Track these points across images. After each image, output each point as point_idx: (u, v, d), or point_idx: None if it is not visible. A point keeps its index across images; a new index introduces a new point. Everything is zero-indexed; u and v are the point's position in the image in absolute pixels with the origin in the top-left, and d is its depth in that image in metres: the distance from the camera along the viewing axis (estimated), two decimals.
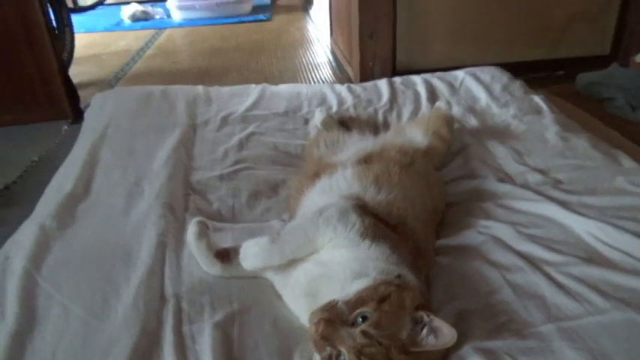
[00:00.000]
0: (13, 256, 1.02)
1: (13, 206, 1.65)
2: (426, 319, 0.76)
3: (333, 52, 3.55)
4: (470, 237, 1.08)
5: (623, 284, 0.89)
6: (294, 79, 3.08)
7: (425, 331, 0.75)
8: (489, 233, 1.08)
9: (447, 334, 0.74)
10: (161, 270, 0.98)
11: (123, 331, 0.82)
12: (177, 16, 4.82)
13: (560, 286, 0.90)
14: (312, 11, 4.94)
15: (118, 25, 4.70)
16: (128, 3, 5.00)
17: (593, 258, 0.98)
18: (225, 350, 0.79)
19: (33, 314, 0.87)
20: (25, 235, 1.08)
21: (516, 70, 2.12)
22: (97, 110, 1.74)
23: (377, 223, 0.95)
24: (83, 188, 1.27)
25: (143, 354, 0.79)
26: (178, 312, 0.88)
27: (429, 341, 0.74)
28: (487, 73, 1.98)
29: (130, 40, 4.17)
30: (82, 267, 0.98)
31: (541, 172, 1.30)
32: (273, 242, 0.91)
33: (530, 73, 2.67)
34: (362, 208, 0.98)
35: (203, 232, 0.99)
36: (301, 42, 4.03)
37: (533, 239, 1.04)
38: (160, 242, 1.05)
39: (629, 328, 0.80)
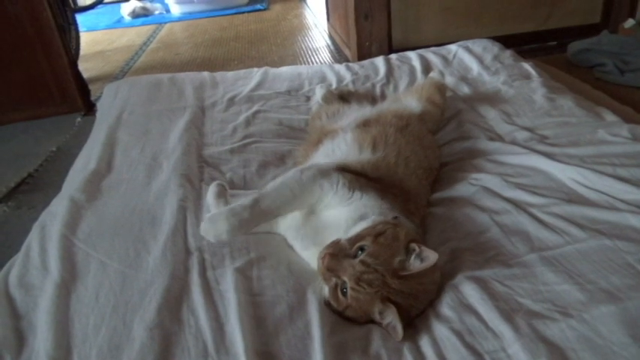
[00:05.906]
0: (49, 225, 1.13)
1: (38, 191, 1.76)
2: (417, 249, 0.86)
3: (331, 36, 3.63)
4: (462, 189, 1.19)
5: (600, 218, 0.99)
6: (294, 64, 3.15)
7: (413, 257, 0.85)
8: (479, 184, 1.18)
9: (429, 256, 0.84)
10: (184, 229, 1.09)
11: (155, 277, 0.93)
12: (175, 10, 4.91)
13: (543, 223, 1.00)
14: None
15: (119, 22, 4.79)
16: (127, 0, 5.09)
17: (573, 199, 1.07)
18: (246, 287, 0.90)
19: (74, 268, 0.98)
20: (58, 207, 1.19)
21: (509, 42, 2.20)
22: (110, 98, 1.85)
23: (357, 177, 1.04)
24: (105, 166, 1.38)
25: (175, 294, 0.90)
26: (202, 261, 0.98)
27: (416, 264, 0.85)
28: (479, 44, 2.07)
29: (132, 36, 4.27)
30: (113, 230, 1.09)
31: (528, 129, 1.39)
32: (252, 205, 0.96)
33: (523, 45, 2.75)
34: (342, 168, 1.06)
35: (221, 193, 1.10)
36: (299, 29, 4.10)
37: (519, 186, 1.14)
38: (181, 207, 1.16)
39: (603, 252, 0.90)
